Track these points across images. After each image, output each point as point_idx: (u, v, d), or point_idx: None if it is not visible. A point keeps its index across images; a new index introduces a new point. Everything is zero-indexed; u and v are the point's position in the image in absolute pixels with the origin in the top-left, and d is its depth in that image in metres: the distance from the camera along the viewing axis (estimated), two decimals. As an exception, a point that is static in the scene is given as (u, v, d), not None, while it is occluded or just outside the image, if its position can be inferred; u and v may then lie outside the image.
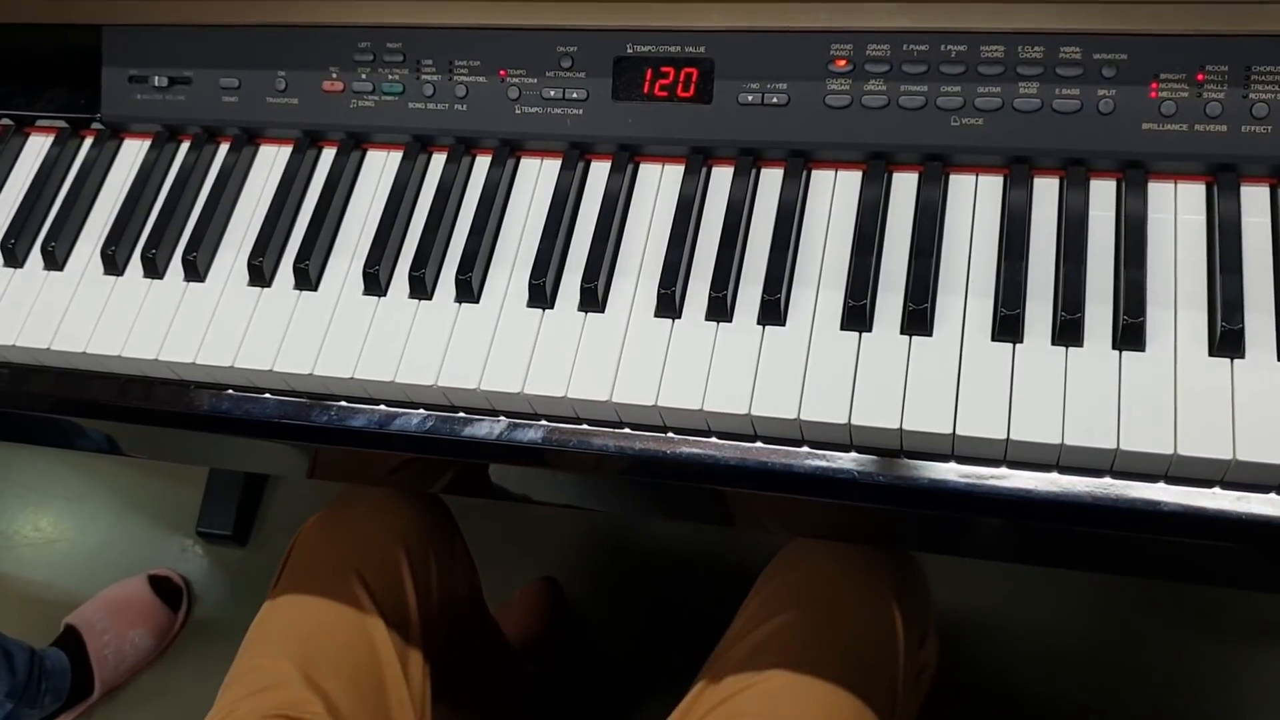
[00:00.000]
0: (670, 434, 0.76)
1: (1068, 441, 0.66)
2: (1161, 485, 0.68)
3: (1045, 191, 0.75)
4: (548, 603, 1.58)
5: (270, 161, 0.90)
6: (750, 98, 0.79)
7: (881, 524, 0.79)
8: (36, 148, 0.96)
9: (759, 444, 0.74)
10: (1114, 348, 0.69)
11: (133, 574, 1.75)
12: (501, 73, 0.83)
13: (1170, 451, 0.65)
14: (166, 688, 1.71)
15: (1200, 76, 0.72)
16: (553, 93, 0.82)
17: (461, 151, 0.85)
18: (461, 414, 0.80)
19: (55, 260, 0.88)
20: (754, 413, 0.71)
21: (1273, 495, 0.66)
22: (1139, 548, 0.72)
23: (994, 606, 1.54)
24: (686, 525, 1.53)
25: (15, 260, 0.90)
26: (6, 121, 0.96)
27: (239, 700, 0.90)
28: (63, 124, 0.95)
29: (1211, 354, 0.68)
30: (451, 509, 1.13)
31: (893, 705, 0.88)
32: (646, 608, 1.60)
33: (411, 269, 0.81)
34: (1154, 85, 0.73)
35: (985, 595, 1.55)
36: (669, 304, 0.76)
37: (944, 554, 0.80)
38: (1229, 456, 0.64)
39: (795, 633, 0.90)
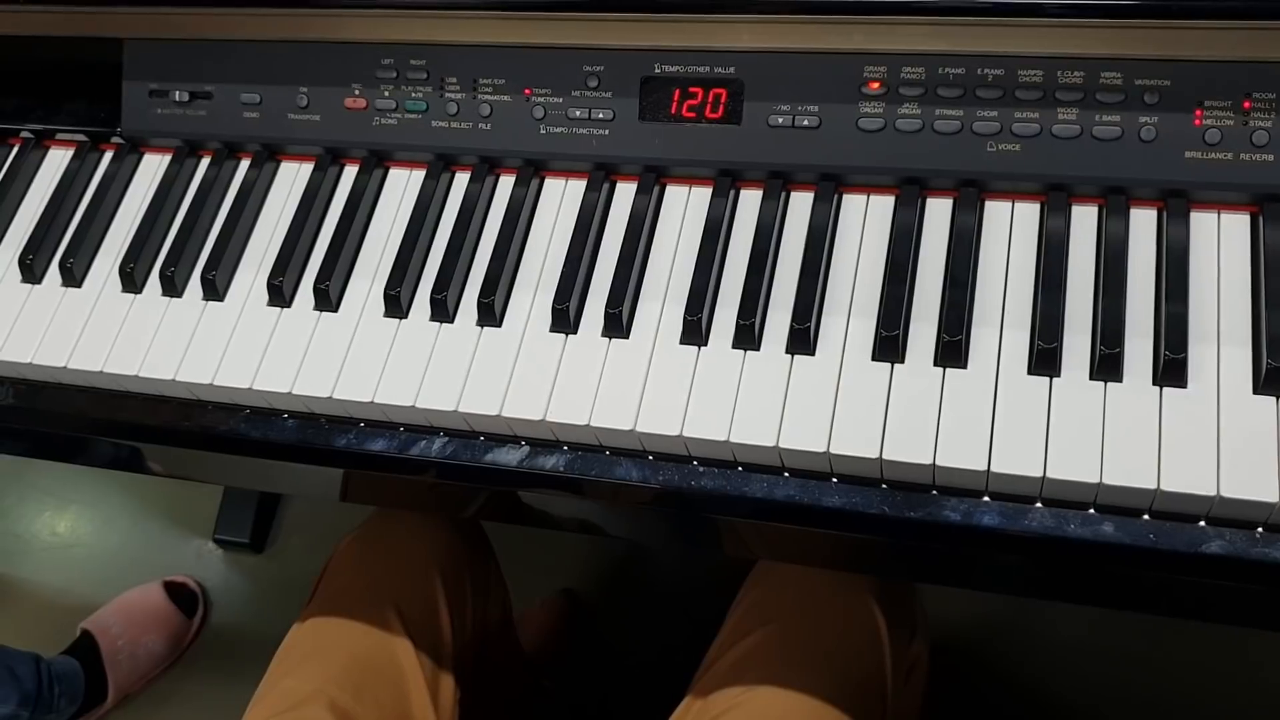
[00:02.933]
0: (695, 463, 0.74)
1: (1106, 481, 0.65)
2: (1202, 526, 0.66)
3: (1084, 220, 0.73)
4: (566, 616, 1.57)
5: (291, 179, 0.88)
6: (780, 119, 0.77)
7: (911, 559, 0.77)
8: (56, 161, 0.95)
9: (786, 476, 0.72)
10: (1154, 384, 0.67)
11: (149, 580, 1.75)
12: (526, 91, 0.82)
13: (1213, 493, 0.63)
14: (181, 694, 1.70)
15: (1247, 104, 0.70)
16: (578, 112, 0.81)
17: (485, 171, 0.84)
18: (483, 439, 0.78)
19: (73, 277, 0.87)
20: (781, 445, 0.70)
21: (1320, 539, 0.64)
22: (1178, 590, 0.70)
23: (1003, 608, 1.53)
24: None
25: (33, 276, 0.89)
26: (26, 134, 0.96)
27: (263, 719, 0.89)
28: (83, 138, 0.94)
29: (1256, 392, 0.66)
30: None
31: (883, 708, 0.87)
32: (665, 621, 1.59)
33: (433, 291, 0.80)
34: (1198, 113, 0.71)
35: (994, 597, 1.53)
36: (695, 331, 0.74)
37: (976, 590, 0.79)
38: (1275, 499, 0.62)
39: (774, 647, 0.89)
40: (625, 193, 0.82)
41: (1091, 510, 0.67)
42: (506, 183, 0.84)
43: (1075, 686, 1.47)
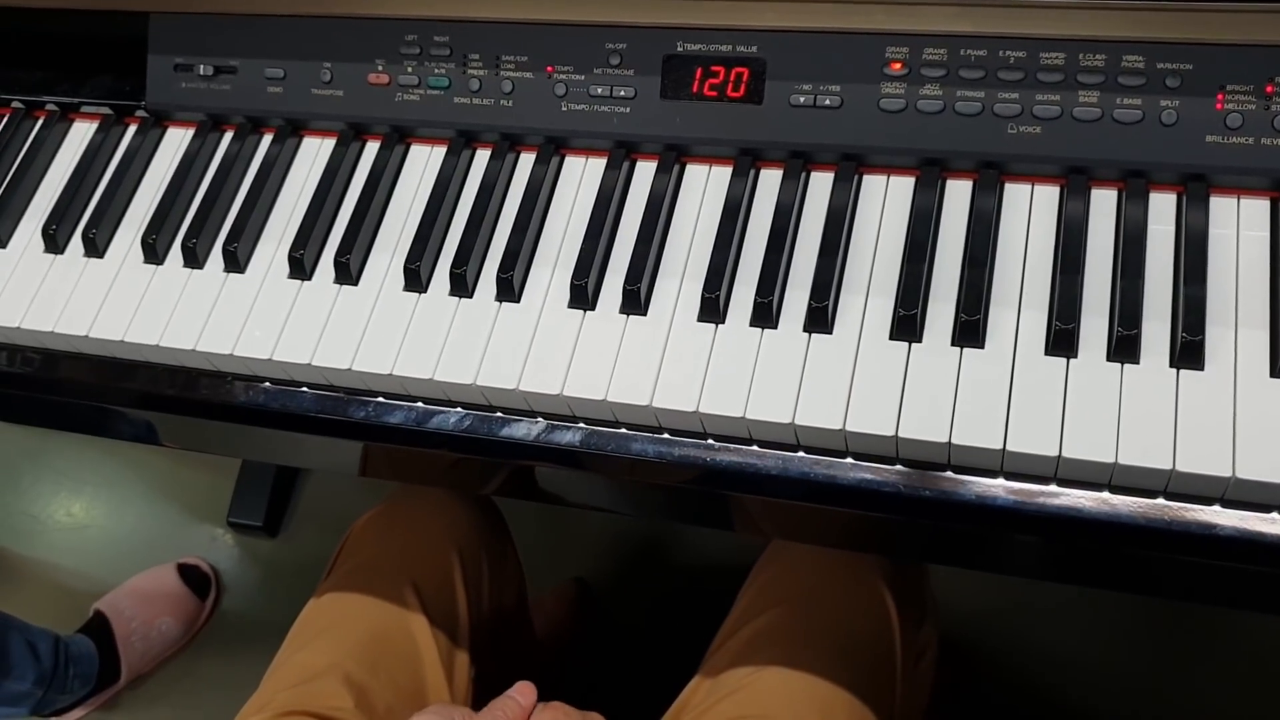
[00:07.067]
0: (711, 440, 0.75)
1: (1122, 461, 0.65)
2: (1217, 508, 0.66)
3: (1103, 203, 0.73)
4: (578, 604, 1.57)
5: (314, 153, 0.89)
6: (802, 99, 0.78)
7: (925, 539, 0.77)
8: (80, 134, 0.95)
9: (801, 454, 0.73)
10: (1171, 366, 0.67)
11: (163, 562, 1.76)
12: (549, 69, 0.82)
13: (1228, 474, 0.63)
14: (192, 676, 1.72)
15: (1269, 88, 0.70)
16: (600, 90, 0.81)
17: (506, 148, 0.84)
18: (499, 414, 0.79)
19: (96, 248, 0.88)
20: (798, 422, 0.70)
21: (1335, 523, 0.64)
22: (1191, 572, 0.70)
23: (1010, 601, 1.54)
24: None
25: (56, 246, 0.89)
26: (52, 107, 0.96)
27: (276, 692, 0.91)
28: (107, 111, 0.95)
29: (1273, 375, 0.66)
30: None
31: (892, 691, 0.88)
32: (676, 609, 1.59)
33: (453, 266, 0.80)
34: (1220, 96, 0.70)
35: (1002, 589, 1.54)
36: (713, 308, 0.75)
37: (988, 571, 0.79)
38: (1291, 481, 0.62)
39: (784, 628, 0.89)
40: (645, 171, 0.82)
41: (1107, 491, 0.67)
42: (527, 160, 0.84)
43: (1078, 681, 1.47)
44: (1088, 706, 1.45)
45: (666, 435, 0.75)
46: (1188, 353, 0.66)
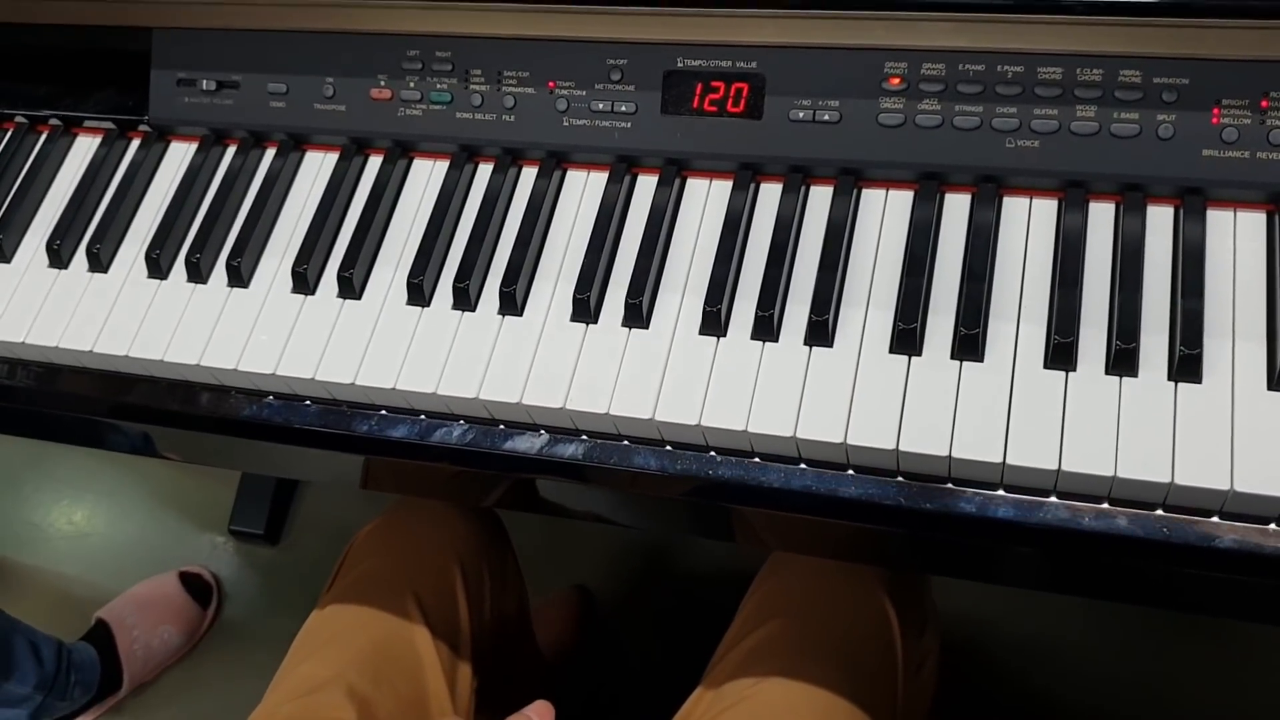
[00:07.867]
0: (713, 453, 0.75)
1: (1120, 474, 0.65)
2: (1216, 520, 0.66)
3: (1101, 216, 0.74)
4: (579, 611, 1.58)
5: (316, 168, 0.89)
6: (801, 114, 0.78)
7: (925, 551, 0.78)
8: (84, 149, 0.96)
9: (803, 466, 0.73)
10: (1170, 379, 0.67)
11: (164, 570, 1.76)
12: (550, 84, 0.83)
13: (1226, 487, 0.64)
14: (194, 684, 1.72)
15: (1264, 103, 0.70)
16: (601, 105, 0.82)
17: (508, 162, 0.85)
18: (502, 427, 0.79)
19: (100, 262, 0.89)
20: (799, 435, 0.70)
21: (1332, 534, 0.65)
22: (1190, 583, 0.70)
23: (1015, 612, 1.54)
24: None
25: (60, 261, 0.90)
26: (55, 122, 0.97)
27: (280, 704, 0.91)
28: (110, 125, 0.95)
29: (1270, 388, 0.66)
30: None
31: (893, 700, 0.88)
32: (678, 618, 1.60)
33: (455, 280, 0.80)
34: (1216, 111, 0.71)
35: (1001, 598, 1.54)
36: (714, 322, 0.75)
37: (988, 583, 0.79)
38: (1288, 494, 0.63)
39: (786, 638, 0.90)
40: (646, 185, 0.82)
41: (1106, 504, 0.68)
42: (529, 174, 0.85)
43: (1081, 685, 1.47)
44: (1090, 709, 1.46)
45: (669, 448, 0.76)
46: (1186, 366, 0.67)
